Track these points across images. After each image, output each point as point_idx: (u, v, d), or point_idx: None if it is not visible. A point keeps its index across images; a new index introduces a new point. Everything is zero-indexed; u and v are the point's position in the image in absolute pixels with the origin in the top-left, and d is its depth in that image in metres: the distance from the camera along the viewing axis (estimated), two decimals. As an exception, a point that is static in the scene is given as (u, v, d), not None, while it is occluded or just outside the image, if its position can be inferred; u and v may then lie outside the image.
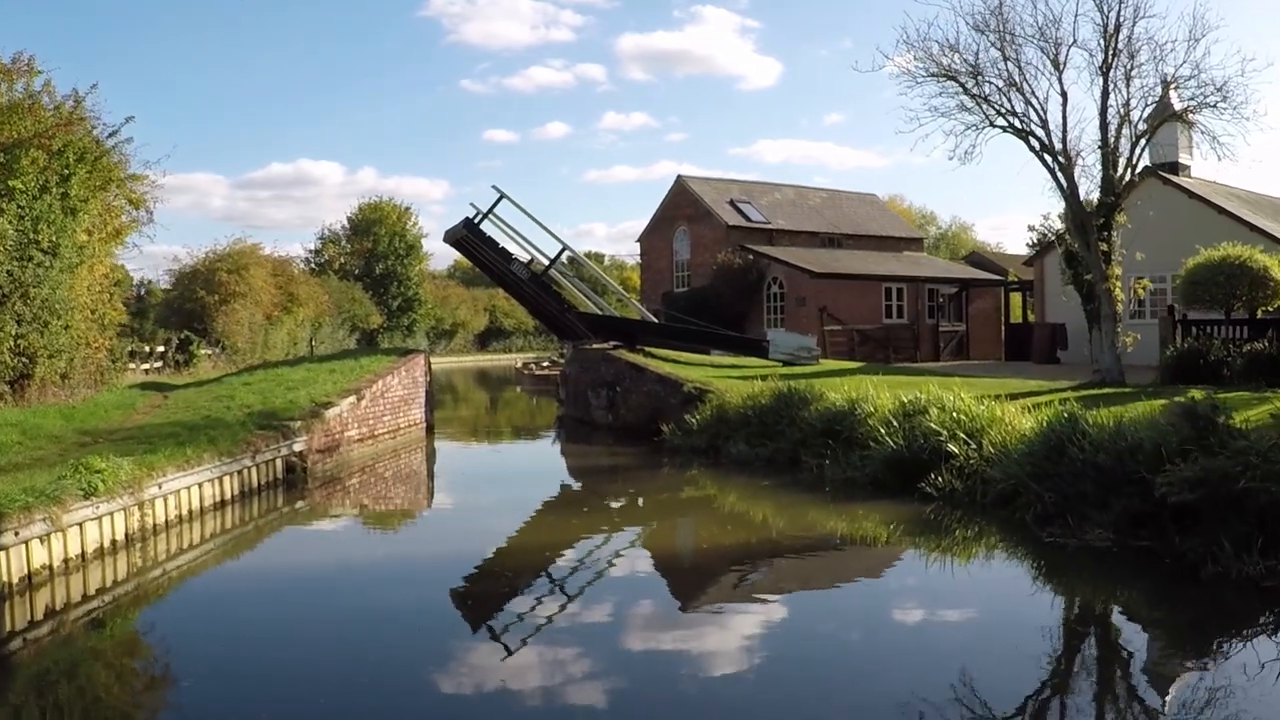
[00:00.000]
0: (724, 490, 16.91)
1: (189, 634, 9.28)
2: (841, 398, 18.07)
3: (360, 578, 11.20)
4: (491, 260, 27.43)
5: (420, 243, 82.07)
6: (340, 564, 11.87)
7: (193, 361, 33.76)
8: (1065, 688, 7.68)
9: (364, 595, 10.39)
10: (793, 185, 48.71)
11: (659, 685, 7.65)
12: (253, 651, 8.64)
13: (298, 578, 11.31)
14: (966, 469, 14.42)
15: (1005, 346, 40.66)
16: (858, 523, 13.82)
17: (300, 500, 16.15)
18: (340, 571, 11.50)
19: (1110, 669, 8.26)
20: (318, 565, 11.85)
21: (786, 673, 7.88)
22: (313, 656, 8.45)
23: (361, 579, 11.12)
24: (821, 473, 16.31)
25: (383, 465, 19.93)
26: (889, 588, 10.91)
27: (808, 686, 7.54)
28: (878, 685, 7.60)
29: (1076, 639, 9.09)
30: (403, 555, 12.40)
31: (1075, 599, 10.46)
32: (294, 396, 19.10)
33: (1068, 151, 22.84)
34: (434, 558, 12.17)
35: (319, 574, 11.45)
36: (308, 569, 11.71)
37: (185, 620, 9.91)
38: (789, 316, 39.34)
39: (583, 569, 11.38)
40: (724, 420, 19.82)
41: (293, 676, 7.95)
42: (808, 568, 11.78)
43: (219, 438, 14.87)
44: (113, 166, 20.79)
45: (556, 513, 15.39)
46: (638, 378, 24.12)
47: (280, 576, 11.44)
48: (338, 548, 13.00)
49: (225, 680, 7.81)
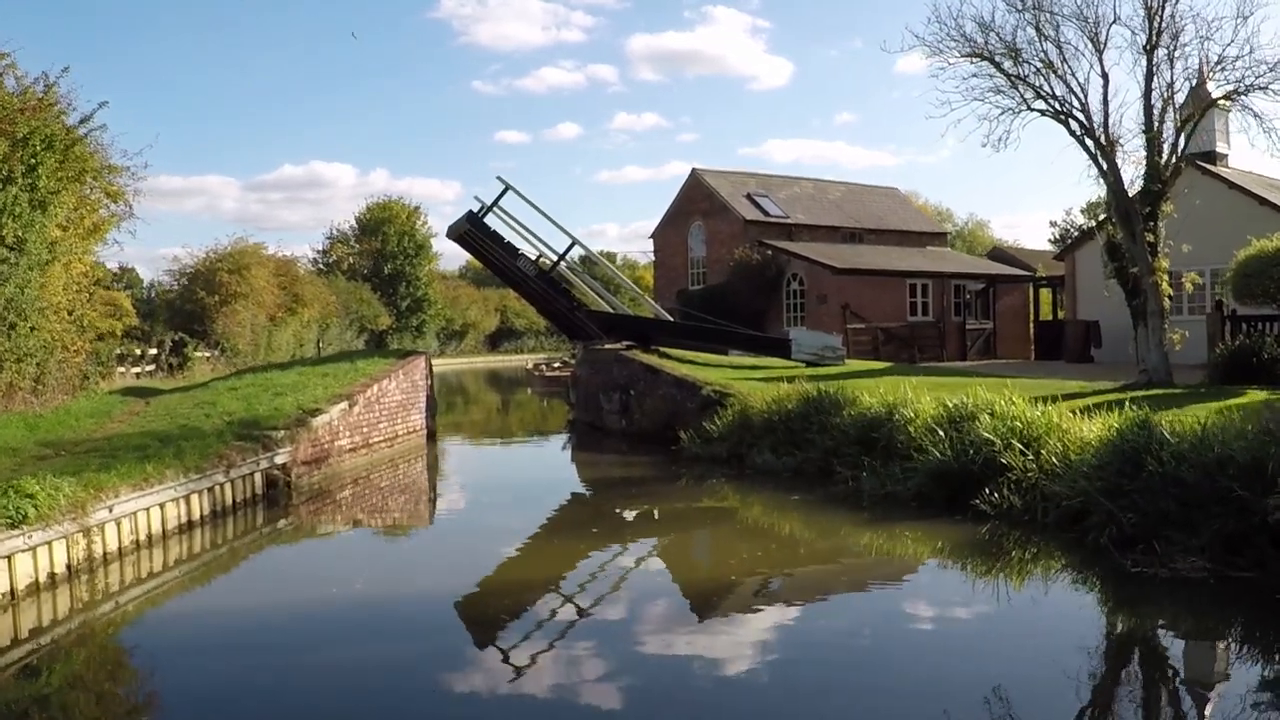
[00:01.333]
0: (749, 506, 15.35)
1: (141, 680, 7.82)
2: (878, 402, 16.49)
3: (344, 613, 9.65)
4: (497, 256, 25.87)
5: (430, 242, 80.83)
6: (321, 598, 10.27)
7: (187, 364, 32.30)
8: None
9: (348, 637, 8.86)
10: (811, 179, 47.05)
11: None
12: (215, 699, 7.15)
13: (273, 612, 9.76)
14: (1024, 483, 12.85)
15: (1035, 345, 39.11)
16: (904, 546, 12.25)
17: (284, 518, 14.63)
18: (321, 608, 9.92)
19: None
20: (296, 597, 10.26)
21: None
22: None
23: (345, 615, 9.58)
24: (857, 486, 14.72)
25: (377, 476, 18.41)
26: (955, 631, 9.26)
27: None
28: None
29: (1198, 697, 7.47)
30: (389, 591, 10.76)
31: (1182, 646, 8.79)
32: (280, 403, 17.60)
33: (1110, 136, 21.39)
34: (422, 596, 10.56)
35: (298, 607, 9.89)
36: (286, 601, 10.15)
37: (137, 663, 8.46)
38: (810, 315, 37.70)
39: (594, 613, 9.81)
40: (747, 427, 18.23)
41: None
42: (853, 607, 10.14)
43: (186, 451, 13.35)
44: (87, 156, 19.32)
45: (563, 534, 13.75)
46: (653, 380, 22.55)
47: (253, 610, 9.89)
48: (321, 573, 11.41)
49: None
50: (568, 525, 14.22)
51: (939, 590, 10.45)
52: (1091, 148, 21.35)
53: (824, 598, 10.31)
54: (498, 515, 15.00)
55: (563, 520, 14.64)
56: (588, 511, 15.45)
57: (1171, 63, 20.97)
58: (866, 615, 9.62)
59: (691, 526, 14.46)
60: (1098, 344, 33.00)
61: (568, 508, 15.85)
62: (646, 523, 14.70)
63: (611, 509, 15.65)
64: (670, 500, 16.09)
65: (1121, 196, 21.23)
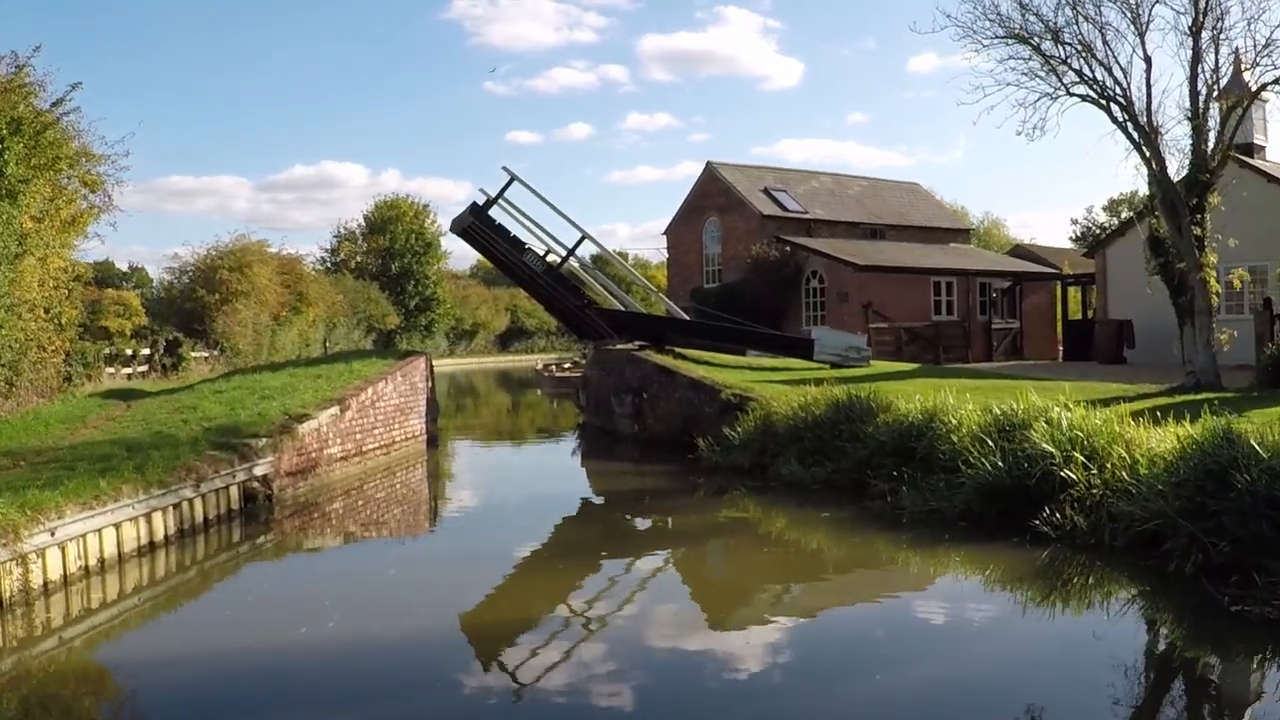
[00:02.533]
0: (773, 523, 13.95)
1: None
2: (915, 408, 15.05)
3: (320, 663, 8.26)
4: (502, 251, 24.46)
5: (438, 241, 79.54)
6: (296, 642, 8.86)
7: (182, 365, 30.97)
8: None
9: (320, 696, 7.47)
10: (830, 173, 45.59)
11: None
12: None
13: (236, 660, 8.36)
14: (1087, 500, 11.43)
15: (1064, 345, 37.66)
16: (955, 574, 10.86)
17: (264, 535, 13.29)
18: (295, 653, 8.51)
19: None
20: (264, 640, 8.85)
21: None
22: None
23: (321, 664, 8.18)
24: (896, 501, 13.29)
25: (372, 487, 17.05)
26: (1029, 681, 7.83)
27: None
28: None
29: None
30: (371, 633, 9.33)
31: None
32: (265, 408, 16.25)
33: (1153, 124, 20.05)
34: (408, 641, 9.13)
35: (266, 653, 8.49)
36: (252, 644, 8.76)
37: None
38: (830, 313, 36.23)
39: (608, 660, 8.41)
40: (771, 434, 16.81)
41: None
42: (904, 651, 8.70)
43: (150, 463, 11.99)
44: (62, 142, 17.98)
45: (570, 558, 12.30)
46: (667, 382, 21.14)
47: (210, 655, 8.50)
48: (297, 605, 9.99)
49: None
50: (573, 549, 12.70)
51: (1006, 632, 8.98)
52: (1134, 135, 20.08)
53: (864, 645, 8.84)
54: (498, 534, 13.54)
55: (569, 543, 13.13)
56: (595, 531, 13.93)
57: (1216, 46, 19.77)
58: (925, 676, 8.17)
59: (711, 551, 13.01)
60: (1130, 344, 31.61)
61: (574, 527, 14.34)
62: (661, 543, 13.30)
63: (623, 528, 14.20)
64: (687, 515, 14.67)
65: (1167, 187, 19.95)
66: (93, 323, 58.57)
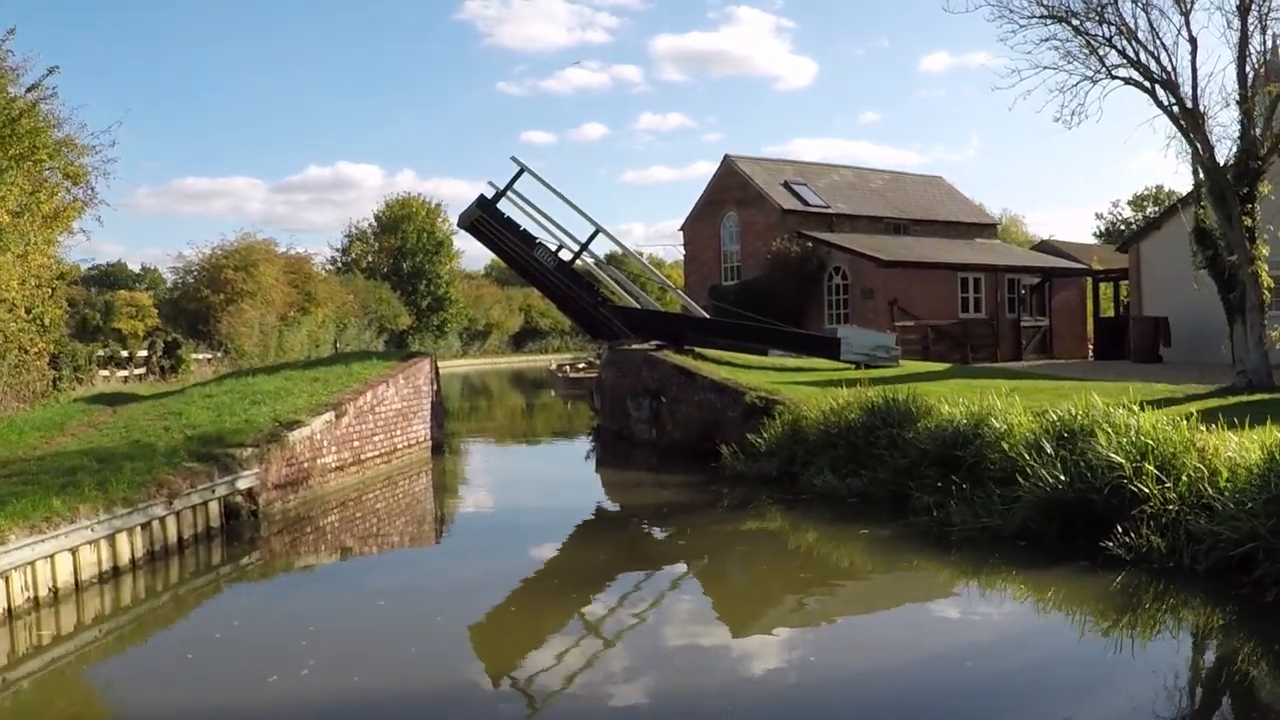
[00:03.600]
0: (808, 541, 12.70)
1: None
2: (960, 412, 13.78)
3: (289, 706, 7.08)
4: (512, 246, 23.22)
5: (450, 240, 78.41)
6: (270, 698, 7.65)
7: (181, 367, 29.85)
8: None
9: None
10: (851, 166, 44.27)
11: None
12: None
13: (195, 707, 7.19)
14: (1162, 517, 10.16)
15: (1096, 343, 36.29)
16: (1019, 604, 9.60)
17: (248, 554, 12.13)
18: (261, 704, 7.32)
19: None
20: (233, 696, 7.67)
21: None
22: None
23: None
24: (943, 517, 12.03)
25: (371, 498, 15.86)
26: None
27: None
28: None
29: None
30: (357, 676, 8.15)
31: None
32: (254, 414, 15.07)
33: (1199, 108, 18.87)
34: (390, 693, 7.92)
35: (232, 697, 7.32)
36: (218, 685, 7.58)
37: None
38: (854, 311, 34.91)
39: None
40: (800, 440, 15.55)
41: None
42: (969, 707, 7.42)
43: (116, 479, 10.81)
44: (40, 130, 16.84)
45: (584, 588, 11.00)
46: (687, 385, 19.88)
47: (168, 705, 7.33)
48: (276, 645, 8.80)
49: None
50: (588, 578, 11.38)
51: (1082, 676, 7.70)
52: (1180, 120, 18.90)
53: (921, 699, 7.57)
54: (504, 557, 12.22)
55: (582, 571, 11.74)
56: (612, 554, 12.58)
57: (1263, 26, 18.64)
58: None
59: (740, 579, 11.71)
60: (1167, 342, 30.31)
61: (589, 550, 12.88)
62: (685, 568, 12.02)
63: (643, 550, 12.88)
64: (711, 533, 13.38)
65: (1216, 174, 18.81)
66: (106, 324, 57.93)
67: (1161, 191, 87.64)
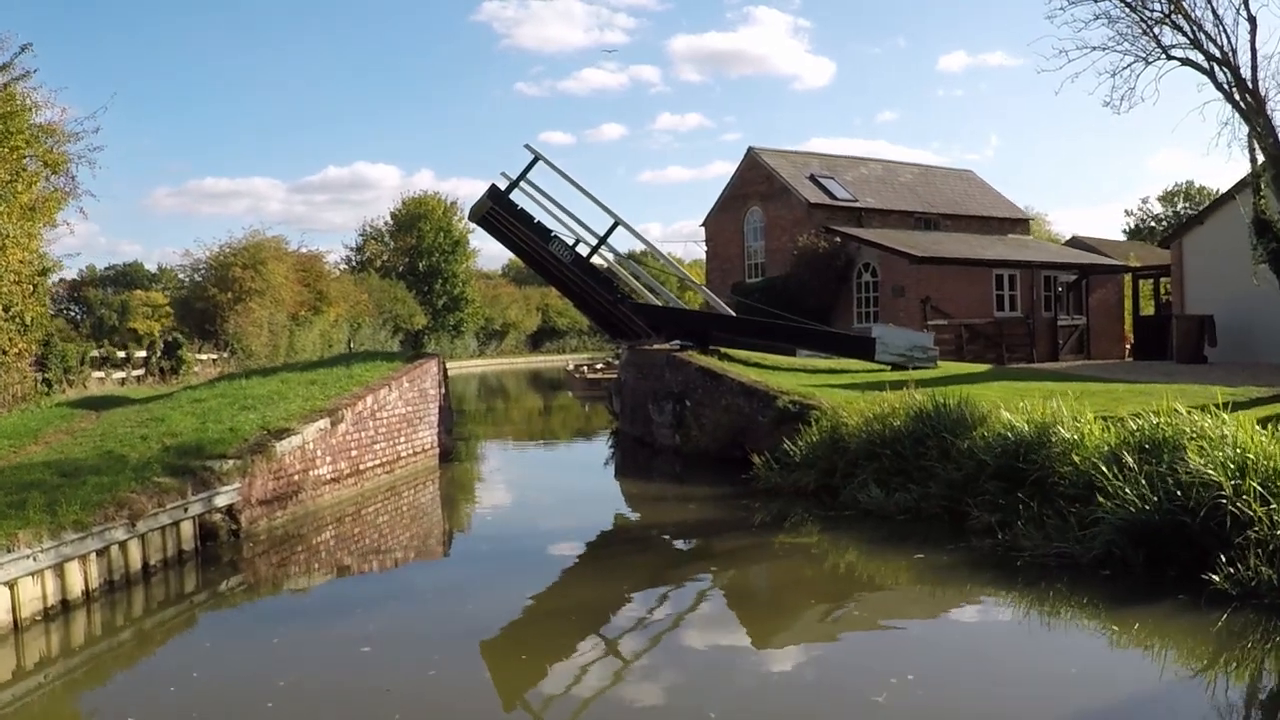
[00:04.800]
0: (856, 569, 11.26)
1: None
2: (1022, 419, 12.35)
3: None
4: (526, 240, 21.84)
5: (466, 238, 77.30)
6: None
7: (182, 368, 28.58)
8: None
9: None
10: (879, 159, 42.68)
11: None
12: None
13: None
14: (1270, 544, 8.74)
15: (1135, 343, 34.68)
16: (1114, 651, 8.15)
17: (227, 579, 10.81)
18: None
19: None
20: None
21: None
22: None
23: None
24: (1009, 539, 10.62)
25: (371, 512, 14.52)
26: None
27: None
28: None
29: None
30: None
31: None
32: (241, 421, 13.73)
33: (1259, 90, 17.56)
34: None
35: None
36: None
37: None
38: (884, 309, 33.39)
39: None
40: (840, 450, 14.12)
41: None
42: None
43: (69, 498, 9.49)
44: (16, 114, 15.58)
45: (597, 625, 9.67)
46: (713, 388, 18.46)
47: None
48: (237, 695, 7.46)
49: None
50: (604, 615, 10.06)
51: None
52: (1240, 102, 17.58)
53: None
54: (512, 583, 10.74)
55: (602, 608, 10.44)
56: (631, 583, 11.23)
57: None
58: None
59: (779, 615, 10.34)
60: (1212, 342, 28.72)
61: (605, 578, 11.50)
62: (715, 605, 10.63)
63: (666, 577, 11.44)
64: (744, 556, 11.99)
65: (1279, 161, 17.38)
66: (121, 324, 57.00)
67: (1192, 187, 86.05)
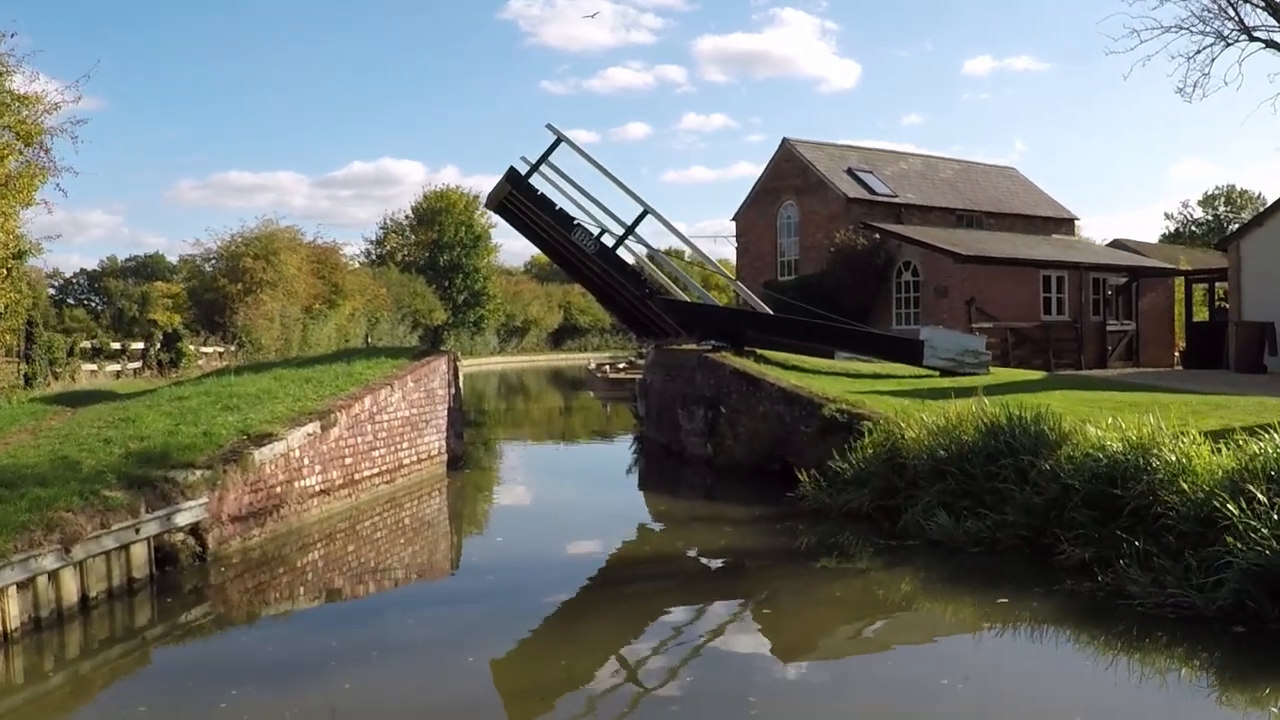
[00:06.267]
0: (931, 617, 9.50)
1: None
2: (1114, 437, 10.58)
3: None
4: (546, 228, 20.16)
5: (488, 233, 75.72)
6: None
7: (183, 361, 27.07)
8: None
9: None
10: (919, 154, 40.80)
11: None
12: None
13: None
14: None
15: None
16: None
17: (188, 611, 9.21)
18: None
19: None
20: None
21: None
22: None
23: None
24: (1111, 582, 8.88)
25: (367, 528, 12.89)
26: None
27: None
28: None
29: None
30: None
31: None
32: (219, 423, 12.11)
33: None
34: None
35: None
36: None
37: None
38: (925, 310, 31.56)
39: None
40: (898, 468, 12.37)
41: None
42: None
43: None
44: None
45: (616, 702, 7.98)
46: (750, 393, 16.74)
47: None
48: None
49: None
50: (625, 678, 8.38)
51: None
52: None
53: None
54: (515, 627, 9.13)
55: (617, 663, 8.78)
56: (656, 639, 9.58)
57: None
58: None
59: (841, 680, 8.62)
60: (1273, 350, 26.78)
61: (627, 626, 9.78)
62: (766, 670, 8.93)
63: (701, 626, 9.76)
64: (791, 594, 10.26)
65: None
66: (142, 315, 55.77)
67: (1234, 190, 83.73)
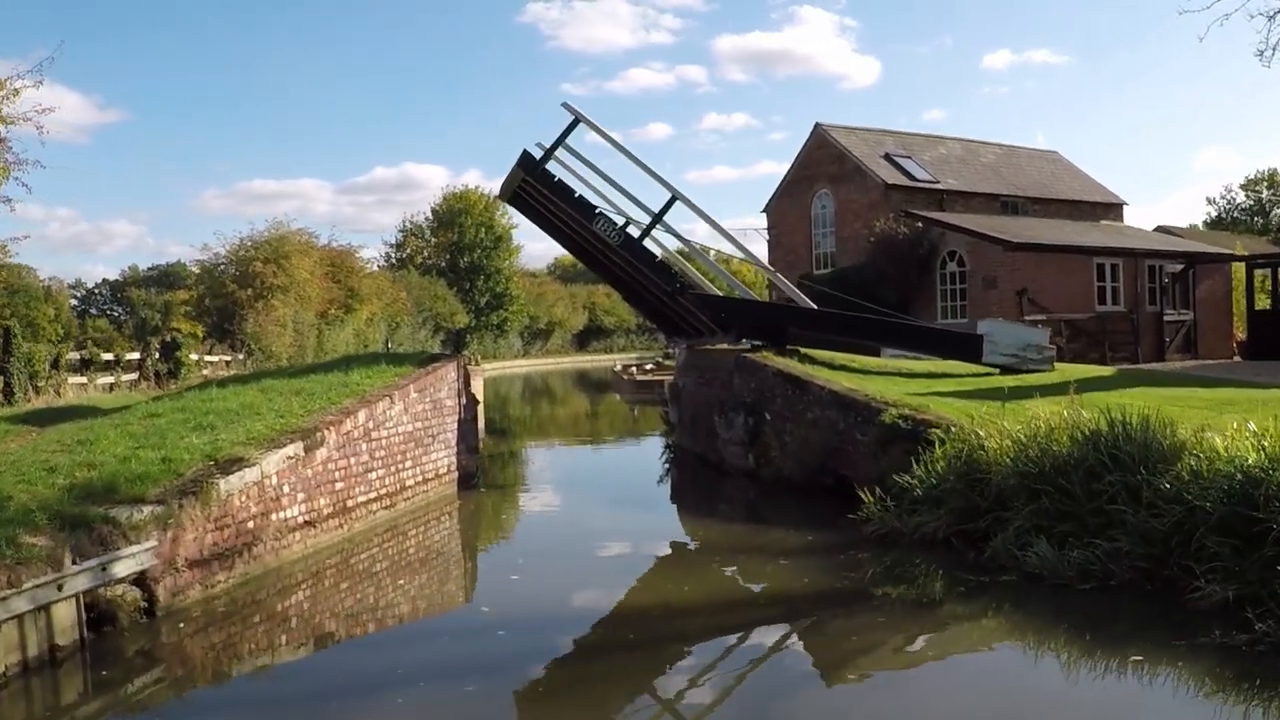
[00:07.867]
0: (1050, 687, 7.61)
1: None
2: (1249, 447, 8.73)
3: None
4: (565, 219, 18.36)
5: (510, 234, 74.27)
6: None
7: (182, 371, 25.48)
8: None
9: None
10: (958, 138, 38.70)
11: None
12: None
13: None
14: None
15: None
16: None
17: (128, 683, 7.52)
18: None
19: None
20: None
21: None
22: None
23: None
24: (1270, 632, 7.04)
25: (360, 564, 11.16)
26: None
27: None
28: None
29: None
30: None
31: None
32: (183, 447, 10.39)
33: None
34: None
35: None
36: None
37: None
38: (972, 302, 29.56)
39: None
40: (979, 484, 10.50)
41: None
42: None
43: None
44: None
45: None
46: (796, 397, 14.89)
47: None
48: None
49: None
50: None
51: None
52: None
53: None
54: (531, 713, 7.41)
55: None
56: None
57: None
58: None
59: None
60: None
61: (660, 694, 8.12)
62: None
63: (751, 700, 7.96)
64: (860, 649, 8.43)
65: None
66: (164, 324, 54.61)
67: (1277, 174, 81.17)
